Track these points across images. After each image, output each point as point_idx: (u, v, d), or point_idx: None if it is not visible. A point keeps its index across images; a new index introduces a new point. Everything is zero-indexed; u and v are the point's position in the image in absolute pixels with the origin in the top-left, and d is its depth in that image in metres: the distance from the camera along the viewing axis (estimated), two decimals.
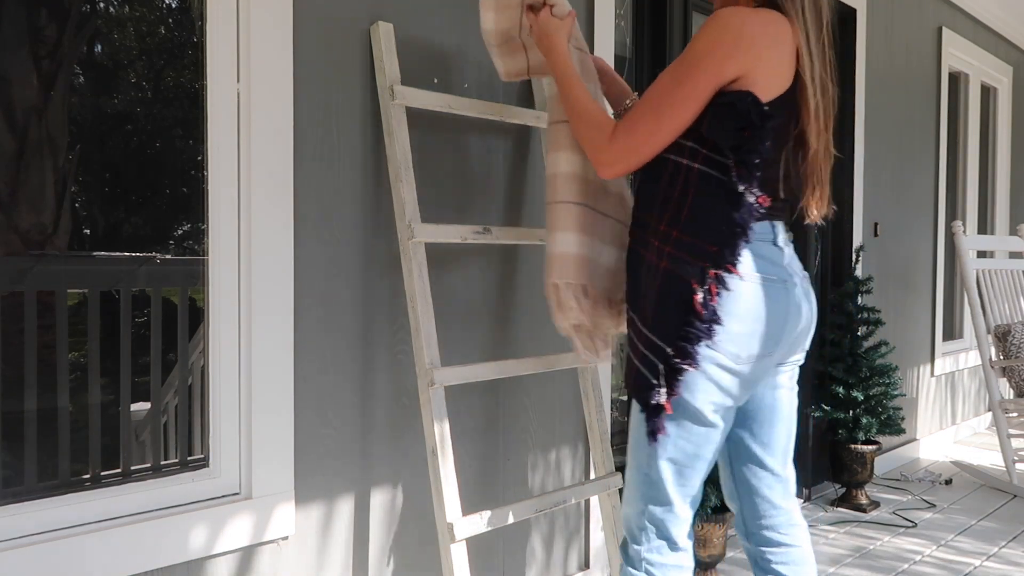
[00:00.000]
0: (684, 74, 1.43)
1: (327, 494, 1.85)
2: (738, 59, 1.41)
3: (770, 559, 1.65)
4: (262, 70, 1.70)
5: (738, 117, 1.40)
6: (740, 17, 1.42)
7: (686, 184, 1.46)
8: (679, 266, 1.45)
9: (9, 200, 1.54)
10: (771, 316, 1.48)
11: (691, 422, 1.48)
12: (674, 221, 1.47)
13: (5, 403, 1.51)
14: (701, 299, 1.42)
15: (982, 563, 2.79)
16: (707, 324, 1.42)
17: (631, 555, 1.57)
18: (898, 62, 4.08)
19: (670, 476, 1.51)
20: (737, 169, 1.42)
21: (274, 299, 1.73)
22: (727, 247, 1.42)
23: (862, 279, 3.58)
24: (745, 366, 1.47)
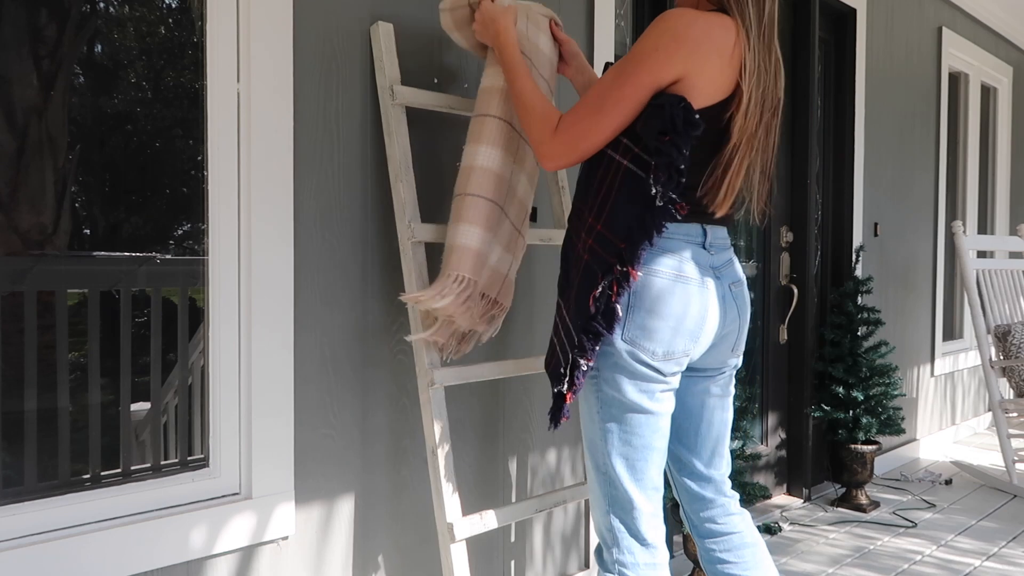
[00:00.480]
0: (626, 73, 1.44)
1: (327, 494, 1.85)
2: (678, 61, 1.41)
3: (712, 548, 1.68)
4: (262, 70, 1.70)
5: (663, 120, 1.41)
6: (686, 19, 1.42)
7: (613, 179, 1.48)
8: (595, 260, 1.48)
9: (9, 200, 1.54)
10: (687, 314, 1.48)
11: (631, 413, 1.49)
12: (599, 214, 1.49)
13: (5, 403, 1.51)
14: (598, 294, 1.45)
15: (982, 563, 2.79)
16: (603, 320, 1.45)
17: (605, 560, 1.57)
18: (898, 62, 4.08)
19: (624, 472, 1.51)
20: (655, 172, 1.42)
21: (274, 299, 1.73)
22: (632, 246, 1.44)
23: (862, 279, 3.58)
24: (662, 362, 1.48)
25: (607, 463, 1.53)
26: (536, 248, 2.26)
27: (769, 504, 3.44)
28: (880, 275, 3.96)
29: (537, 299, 2.27)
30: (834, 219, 3.77)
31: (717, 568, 1.66)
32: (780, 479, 3.56)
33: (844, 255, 3.74)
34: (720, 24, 1.43)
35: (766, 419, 3.49)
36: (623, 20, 2.71)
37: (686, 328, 1.48)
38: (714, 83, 1.44)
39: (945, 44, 4.47)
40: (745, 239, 3.40)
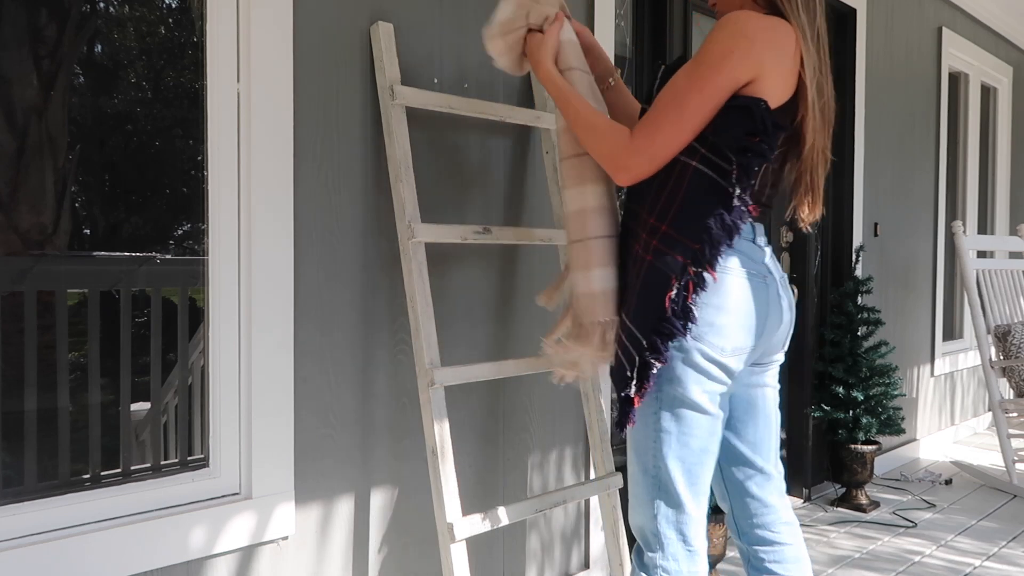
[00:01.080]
0: (702, 77, 1.43)
1: (327, 494, 1.85)
2: (753, 62, 1.42)
3: (763, 558, 1.65)
4: (262, 70, 1.70)
5: (751, 122, 1.42)
6: (754, 21, 1.43)
7: (679, 180, 1.47)
8: (662, 261, 1.46)
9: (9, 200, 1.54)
10: (754, 310, 1.50)
11: (693, 413, 1.48)
12: (663, 215, 1.48)
13: (5, 403, 1.51)
14: (674, 295, 1.43)
15: (982, 563, 2.79)
16: (680, 321, 1.44)
17: (646, 563, 1.54)
18: (898, 62, 4.08)
19: (680, 476, 1.50)
20: (737, 173, 1.43)
21: (274, 299, 1.73)
22: (710, 246, 1.44)
23: (862, 279, 3.58)
24: (731, 358, 1.49)
25: (660, 466, 1.50)
26: (536, 248, 2.26)
27: None
28: (880, 275, 3.96)
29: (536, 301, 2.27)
30: (834, 219, 3.77)
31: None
32: None
33: (844, 255, 3.74)
34: (782, 26, 1.45)
35: None
36: (623, 20, 2.71)
37: (753, 323, 1.50)
38: (784, 83, 1.46)
39: (945, 44, 4.47)
40: None
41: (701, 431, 1.49)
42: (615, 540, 2.11)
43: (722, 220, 1.44)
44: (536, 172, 2.27)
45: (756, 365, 1.62)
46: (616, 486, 2.12)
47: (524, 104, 2.22)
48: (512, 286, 2.23)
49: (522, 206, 2.25)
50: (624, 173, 1.50)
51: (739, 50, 1.41)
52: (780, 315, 1.56)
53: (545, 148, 2.22)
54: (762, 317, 1.51)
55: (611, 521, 2.11)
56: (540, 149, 2.25)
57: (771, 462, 1.66)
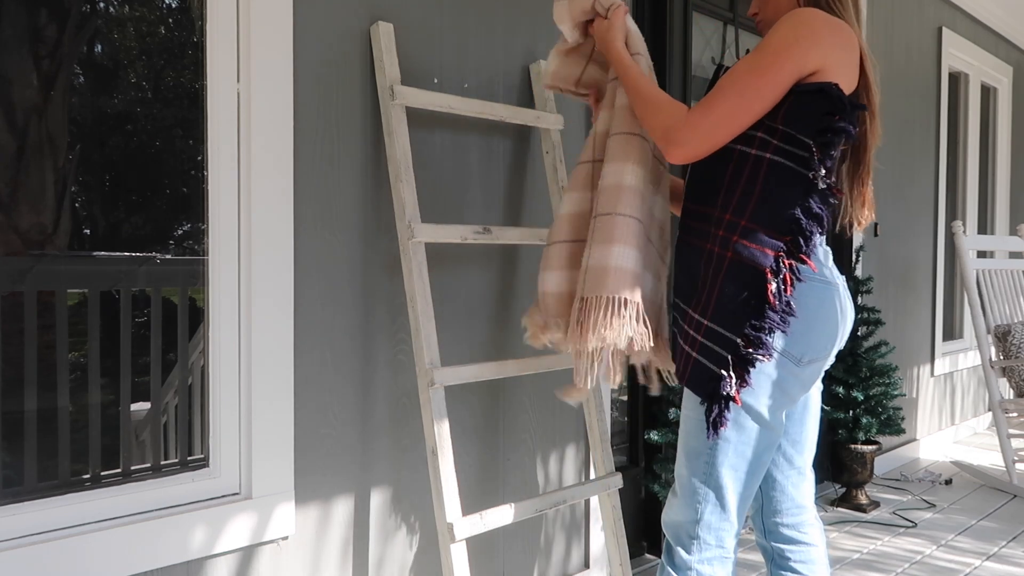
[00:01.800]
0: (766, 63, 1.42)
1: (327, 494, 1.85)
2: (819, 51, 1.41)
3: (789, 556, 1.65)
4: (262, 70, 1.70)
5: (829, 102, 1.41)
6: (820, 17, 1.44)
7: (754, 173, 1.45)
8: (750, 255, 1.42)
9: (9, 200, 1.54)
10: (829, 317, 1.48)
11: (756, 425, 1.46)
12: (740, 211, 1.45)
13: (5, 403, 1.51)
14: (775, 289, 1.40)
15: (982, 563, 2.79)
16: (780, 315, 1.41)
17: (678, 562, 1.53)
18: (898, 62, 4.08)
19: (731, 484, 1.48)
20: (819, 153, 1.40)
21: (274, 299, 1.73)
22: (801, 235, 1.41)
23: (862, 279, 3.58)
24: (806, 368, 1.46)
25: (713, 472, 1.49)
26: (535, 248, 2.26)
27: None
28: (880, 275, 3.96)
29: None
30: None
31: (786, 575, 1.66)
32: None
33: (844, 255, 3.74)
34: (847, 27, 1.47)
35: None
36: None
37: (831, 331, 1.48)
38: (848, 81, 1.46)
39: (945, 44, 4.47)
40: None
41: (760, 443, 1.48)
42: (615, 540, 2.11)
43: (809, 208, 1.42)
44: (536, 172, 2.27)
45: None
46: (616, 486, 2.12)
47: (524, 104, 2.22)
48: (512, 286, 2.23)
49: (522, 206, 2.25)
50: (677, 148, 1.47)
51: (804, 40, 1.41)
52: (849, 320, 1.55)
53: (545, 148, 2.22)
54: (835, 324, 1.49)
55: (611, 521, 2.11)
56: (540, 149, 2.25)
57: (809, 462, 1.65)
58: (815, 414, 1.64)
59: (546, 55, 2.30)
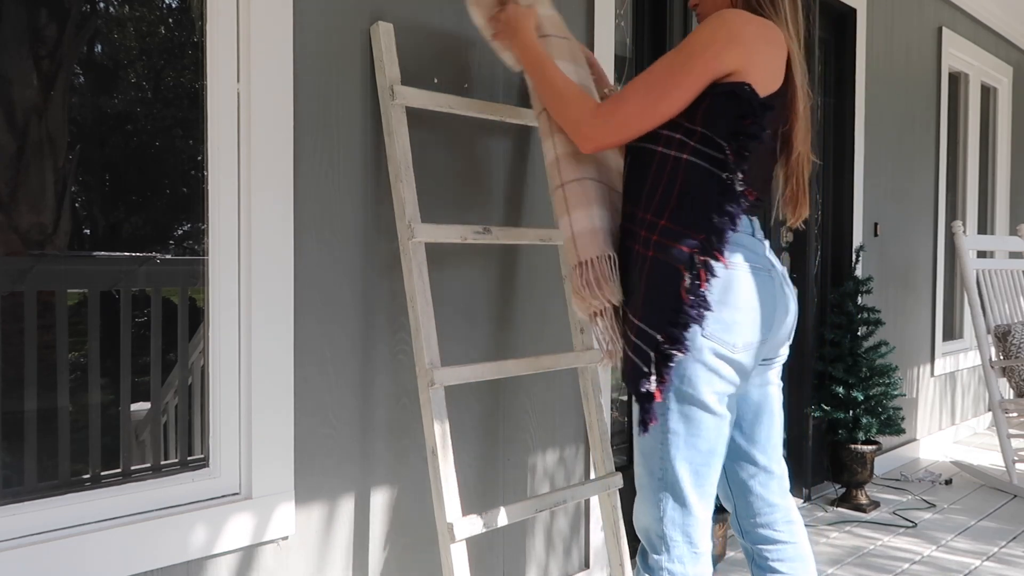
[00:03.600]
0: (681, 62, 1.45)
1: (327, 494, 1.85)
2: (734, 53, 1.43)
3: (767, 556, 1.65)
4: (262, 70, 1.70)
5: (739, 105, 1.43)
6: (741, 17, 1.46)
7: (673, 174, 1.48)
8: (667, 254, 1.46)
9: (9, 200, 1.54)
10: (762, 303, 1.49)
11: (702, 414, 1.47)
12: (661, 210, 1.48)
13: (5, 403, 1.51)
14: (688, 284, 1.43)
15: (982, 563, 2.79)
16: (695, 309, 1.43)
17: (651, 564, 1.54)
18: (898, 62, 4.08)
19: (687, 477, 1.49)
20: (733, 157, 1.43)
21: (274, 299, 1.73)
22: (714, 234, 1.44)
23: (862, 279, 3.58)
24: (742, 354, 1.48)
25: (667, 468, 1.50)
26: (535, 248, 2.26)
27: None
28: (880, 275, 3.96)
29: (537, 299, 2.27)
30: (834, 219, 3.77)
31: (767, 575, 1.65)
32: None
33: (844, 255, 3.74)
34: (769, 25, 1.49)
35: None
36: (623, 20, 2.71)
37: (763, 317, 1.49)
38: (768, 82, 1.47)
39: (945, 44, 4.47)
40: None
41: (709, 432, 1.48)
42: (615, 540, 2.11)
43: (721, 208, 1.44)
44: (536, 172, 2.27)
45: (763, 363, 1.62)
46: (616, 486, 2.12)
47: (524, 104, 2.22)
48: (512, 286, 2.23)
49: (522, 206, 2.25)
50: (586, 142, 1.53)
51: (721, 41, 1.43)
52: (787, 307, 1.56)
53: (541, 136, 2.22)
54: (769, 310, 1.51)
55: (611, 521, 2.11)
56: (540, 149, 2.25)
57: (775, 461, 1.66)
58: (773, 411, 1.65)
59: None
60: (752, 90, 1.43)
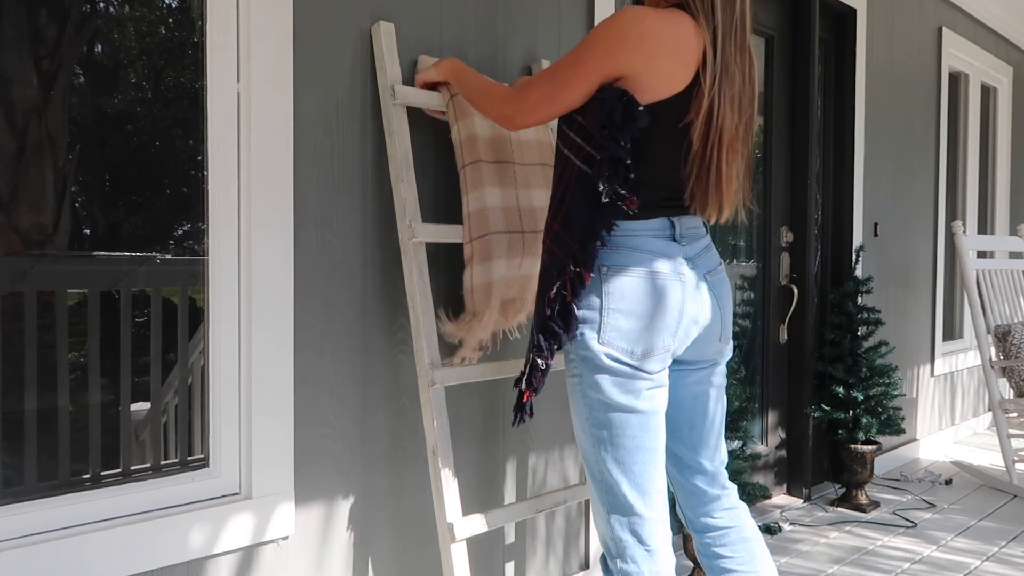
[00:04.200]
0: (576, 57, 1.47)
1: (327, 494, 1.85)
2: (621, 58, 1.42)
3: (709, 543, 1.66)
4: (262, 70, 1.70)
5: (604, 114, 1.42)
6: (635, 17, 1.42)
7: (569, 179, 1.49)
8: (552, 260, 1.49)
9: (9, 200, 1.54)
10: (664, 310, 1.46)
11: (618, 414, 1.47)
12: (555, 214, 1.51)
13: (5, 403, 1.51)
14: (553, 294, 1.45)
15: (982, 563, 2.79)
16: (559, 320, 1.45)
17: (610, 569, 1.55)
18: (898, 62, 4.08)
19: (622, 477, 1.49)
20: (599, 167, 1.42)
21: (274, 299, 1.73)
22: (584, 246, 1.44)
23: (862, 279, 3.58)
24: (644, 360, 1.46)
25: (602, 469, 1.51)
26: None
27: (769, 504, 3.44)
28: (880, 275, 3.96)
29: None
30: (834, 219, 3.77)
31: (715, 563, 1.65)
32: (780, 479, 3.56)
33: (844, 255, 3.74)
34: (674, 21, 1.43)
35: (766, 419, 3.49)
36: None
37: (664, 324, 1.46)
38: (664, 78, 1.43)
39: (945, 44, 4.47)
40: (745, 239, 3.40)
41: (632, 430, 1.47)
42: None
43: (591, 219, 1.43)
44: None
45: (688, 367, 1.61)
46: None
47: None
48: None
49: None
50: (507, 122, 1.58)
51: (612, 40, 1.42)
52: (702, 312, 1.52)
53: None
54: (675, 317, 1.47)
55: None
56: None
57: (713, 460, 1.67)
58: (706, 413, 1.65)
59: (546, 55, 2.30)
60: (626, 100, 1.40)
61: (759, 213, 3.43)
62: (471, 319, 1.87)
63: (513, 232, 1.91)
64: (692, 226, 1.55)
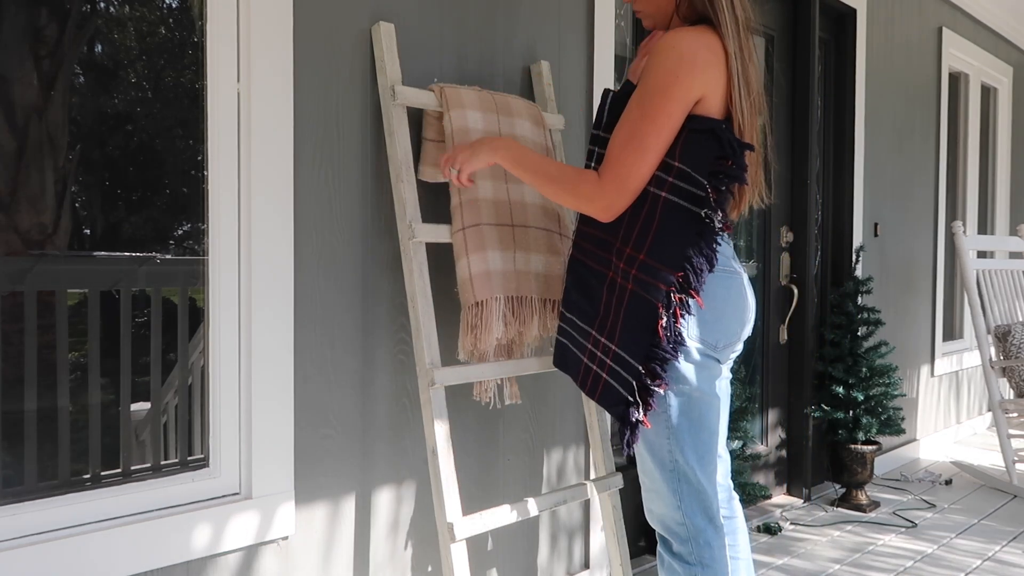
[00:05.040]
0: (654, 106, 1.47)
1: (327, 494, 1.85)
2: (698, 81, 1.46)
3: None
4: (262, 70, 1.70)
5: (720, 145, 1.47)
6: (687, 42, 1.47)
7: (652, 210, 1.52)
8: (646, 289, 1.52)
9: (9, 200, 1.54)
10: (735, 303, 1.59)
11: (702, 403, 1.55)
12: (639, 245, 1.53)
13: (5, 403, 1.51)
14: (665, 323, 1.49)
15: (982, 563, 2.79)
16: (672, 346, 1.50)
17: (677, 552, 1.61)
18: (898, 62, 4.08)
19: (696, 463, 1.57)
20: (714, 195, 1.48)
21: (274, 299, 1.73)
22: (693, 274, 1.49)
23: (862, 279, 3.58)
24: (721, 352, 1.58)
25: (678, 459, 1.56)
26: None
27: (769, 504, 3.44)
28: (880, 275, 3.96)
29: None
30: (834, 219, 3.77)
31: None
32: (780, 479, 3.56)
33: (844, 255, 3.74)
34: (711, 39, 1.49)
35: (766, 419, 3.49)
36: (623, 20, 2.71)
37: (739, 315, 1.59)
38: (721, 97, 1.50)
39: (945, 44, 4.47)
40: (745, 239, 3.40)
41: (710, 416, 1.57)
42: (615, 540, 2.11)
43: (700, 248, 1.49)
44: None
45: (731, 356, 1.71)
46: (616, 486, 2.12)
47: None
48: None
49: None
50: (604, 212, 1.54)
51: (683, 72, 1.45)
52: (753, 306, 1.66)
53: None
54: (742, 309, 1.60)
55: (611, 521, 2.11)
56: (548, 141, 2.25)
57: (724, 447, 1.78)
58: (727, 403, 1.75)
59: (546, 55, 2.30)
60: (729, 128, 1.48)
61: (768, 205, 3.43)
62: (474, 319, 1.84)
63: (503, 225, 1.90)
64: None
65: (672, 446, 1.56)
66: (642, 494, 1.67)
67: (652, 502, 1.63)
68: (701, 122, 1.47)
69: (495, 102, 1.97)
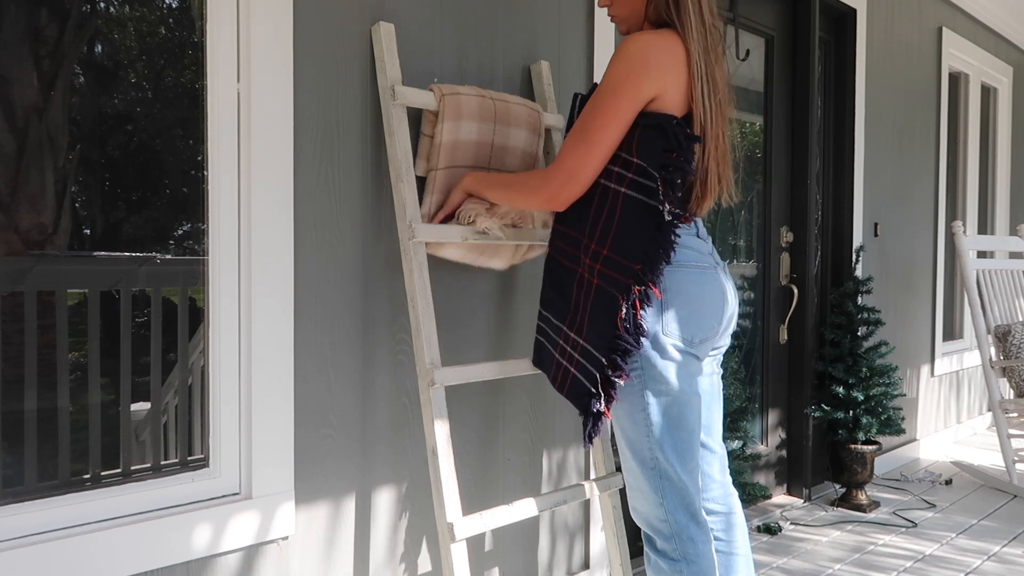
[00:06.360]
0: (603, 102, 1.54)
1: (328, 494, 1.85)
2: (652, 82, 1.51)
3: (712, 527, 1.78)
4: (262, 70, 1.70)
5: (665, 139, 1.51)
6: (647, 43, 1.52)
7: (613, 206, 1.57)
8: (609, 283, 1.56)
9: (9, 200, 1.54)
10: (711, 298, 1.60)
11: (680, 399, 1.57)
12: (603, 240, 1.58)
13: (5, 403, 1.51)
14: (624, 315, 1.53)
15: (982, 563, 2.79)
16: (632, 337, 1.53)
17: (661, 549, 1.63)
18: (898, 62, 4.08)
19: (676, 460, 1.59)
20: (663, 188, 1.52)
21: (274, 299, 1.73)
22: (649, 266, 1.53)
23: (862, 279, 3.58)
24: (699, 347, 1.59)
25: (658, 456, 1.59)
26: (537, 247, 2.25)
27: (769, 504, 3.44)
28: (880, 275, 3.96)
29: (537, 299, 2.27)
30: (834, 219, 3.77)
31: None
32: (780, 479, 3.56)
33: (844, 255, 3.74)
34: (672, 40, 1.54)
35: (766, 419, 3.49)
36: None
37: (715, 310, 1.61)
38: (681, 95, 1.55)
39: (945, 44, 4.47)
40: (745, 239, 3.40)
41: (689, 413, 1.59)
42: (615, 540, 2.11)
43: (656, 240, 1.53)
44: None
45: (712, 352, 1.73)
46: (616, 486, 2.12)
47: None
48: (512, 286, 2.23)
49: None
50: (553, 201, 1.63)
51: (636, 73, 1.51)
52: (730, 302, 1.67)
53: (546, 149, 2.22)
54: (719, 305, 1.62)
55: (611, 521, 2.11)
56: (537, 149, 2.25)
57: (718, 442, 1.79)
58: (718, 398, 1.78)
59: (546, 55, 2.30)
60: (679, 123, 1.51)
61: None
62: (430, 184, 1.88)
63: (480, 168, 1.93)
64: (703, 225, 1.71)
65: (652, 445, 1.58)
66: (627, 493, 1.69)
67: (636, 500, 1.66)
68: (653, 118, 1.53)
69: (495, 110, 1.96)
